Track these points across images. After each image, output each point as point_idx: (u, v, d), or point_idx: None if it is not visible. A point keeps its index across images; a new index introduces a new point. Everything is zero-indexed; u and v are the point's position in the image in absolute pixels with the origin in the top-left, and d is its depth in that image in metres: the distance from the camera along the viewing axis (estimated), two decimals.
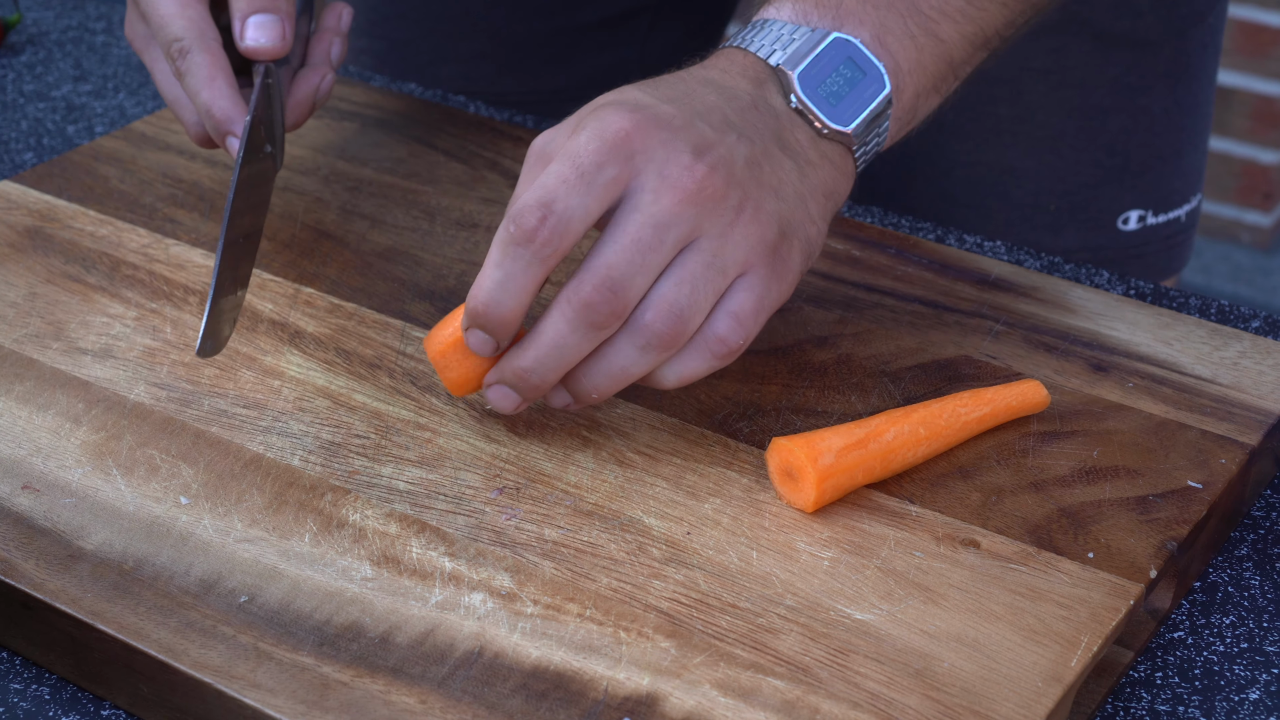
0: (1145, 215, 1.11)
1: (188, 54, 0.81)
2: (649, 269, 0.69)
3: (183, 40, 0.81)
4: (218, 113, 0.81)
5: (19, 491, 0.70)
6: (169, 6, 0.82)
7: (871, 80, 0.75)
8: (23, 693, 0.66)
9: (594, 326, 0.69)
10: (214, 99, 0.81)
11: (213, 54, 0.82)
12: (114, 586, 0.66)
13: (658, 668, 0.62)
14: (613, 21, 1.22)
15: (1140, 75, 1.07)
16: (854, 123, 0.75)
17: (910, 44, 0.76)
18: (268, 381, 0.77)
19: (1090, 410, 0.76)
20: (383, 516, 0.69)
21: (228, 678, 0.62)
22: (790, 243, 0.72)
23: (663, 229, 0.69)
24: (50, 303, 0.82)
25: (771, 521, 0.69)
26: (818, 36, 0.75)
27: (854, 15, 0.76)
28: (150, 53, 0.86)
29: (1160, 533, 0.69)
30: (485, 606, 0.65)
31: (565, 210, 0.69)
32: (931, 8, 0.77)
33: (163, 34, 0.82)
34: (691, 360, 0.71)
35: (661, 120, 0.71)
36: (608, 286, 0.68)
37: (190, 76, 0.81)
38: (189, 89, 0.82)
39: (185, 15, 0.82)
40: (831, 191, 0.75)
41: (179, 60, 0.81)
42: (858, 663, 0.63)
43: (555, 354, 0.69)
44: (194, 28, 0.82)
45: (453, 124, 0.99)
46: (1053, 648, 0.63)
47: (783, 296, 0.72)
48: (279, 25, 0.83)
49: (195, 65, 0.81)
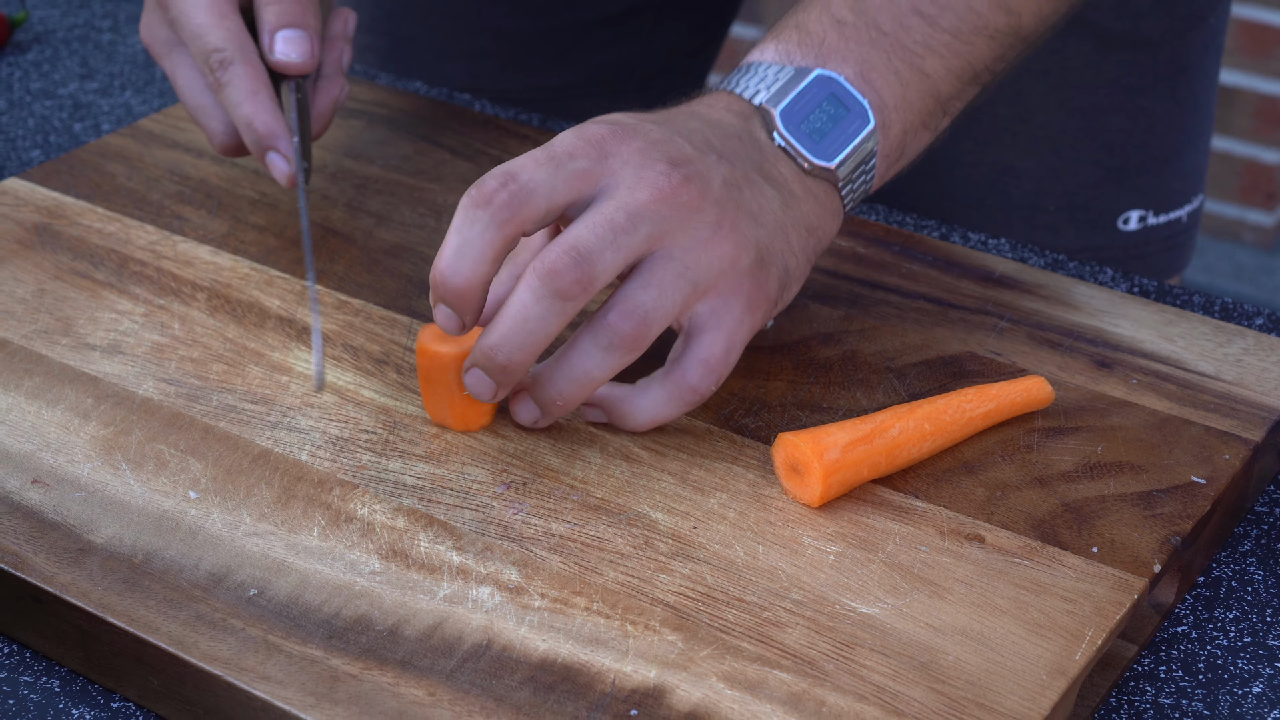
0: (1146, 215, 1.11)
1: (229, 65, 0.81)
2: (619, 249, 0.69)
3: (224, 51, 0.81)
4: (261, 127, 0.81)
5: (29, 486, 0.71)
6: (206, 16, 0.82)
7: (855, 116, 0.76)
8: (33, 685, 0.67)
9: (559, 295, 0.68)
10: (256, 113, 0.81)
11: (255, 66, 0.82)
12: (124, 580, 0.66)
13: (665, 660, 0.63)
14: (616, 19, 1.22)
15: (1140, 76, 1.07)
16: (838, 158, 0.75)
17: (895, 80, 0.77)
18: (275, 377, 0.77)
19: (1094, 406, 0.76)
20: (391, 511, 0.70)
21: (237, 670, 0.62)
22: (767, 270, 0.72)
23: (636, 217, 0.69)
24: (59, 299, 0.83)
25: (777, 516, 0.70)
26: (801, 74, 0.76)
27: (837, 52, 0.77)
28: (173, 59, 0.86)
29: (1164, 528, 0.69)
30: (493, 600, 0.65)
31: (528, 181, 0.69)
32: (916, 43, 0.77)
33: (199, 43, 0.82)
34: (662, 404, 0.72)
35: (640, 132, 0.72)
36: (573, 254, 0.68)
37: (232, 88, 0.81)
38: (228, 100, 0.82)
39: (224, 26, 0.82)
40: (815, 227, 0.76)
41: (219, 71, 0.81)
42: (863, 656, 0.63)
43: (520, 327, 0.69)
44: (235, 39, 0.82)
45: (458, 122, 1.00)
46: (1057, 641, 0.63)
47: (755, 326, 0.73)
48: (308, 41, 0.83)
49: (237, 77, 0.81)
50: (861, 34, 0.77)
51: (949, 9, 0.77)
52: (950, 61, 0.78)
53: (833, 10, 0.78)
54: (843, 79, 0.76)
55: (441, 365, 0.72)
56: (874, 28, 0.77)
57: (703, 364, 0.71)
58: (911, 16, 0.77)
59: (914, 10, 0.77)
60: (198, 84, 0.85)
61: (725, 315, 0.71)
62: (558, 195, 0.70)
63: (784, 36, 0.78)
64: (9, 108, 1.08)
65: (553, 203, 0.70)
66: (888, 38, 0.77)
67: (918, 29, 0.77)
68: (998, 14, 0.78)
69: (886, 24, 0.77)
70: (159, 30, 0.86)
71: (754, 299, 0.72)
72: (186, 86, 0.85)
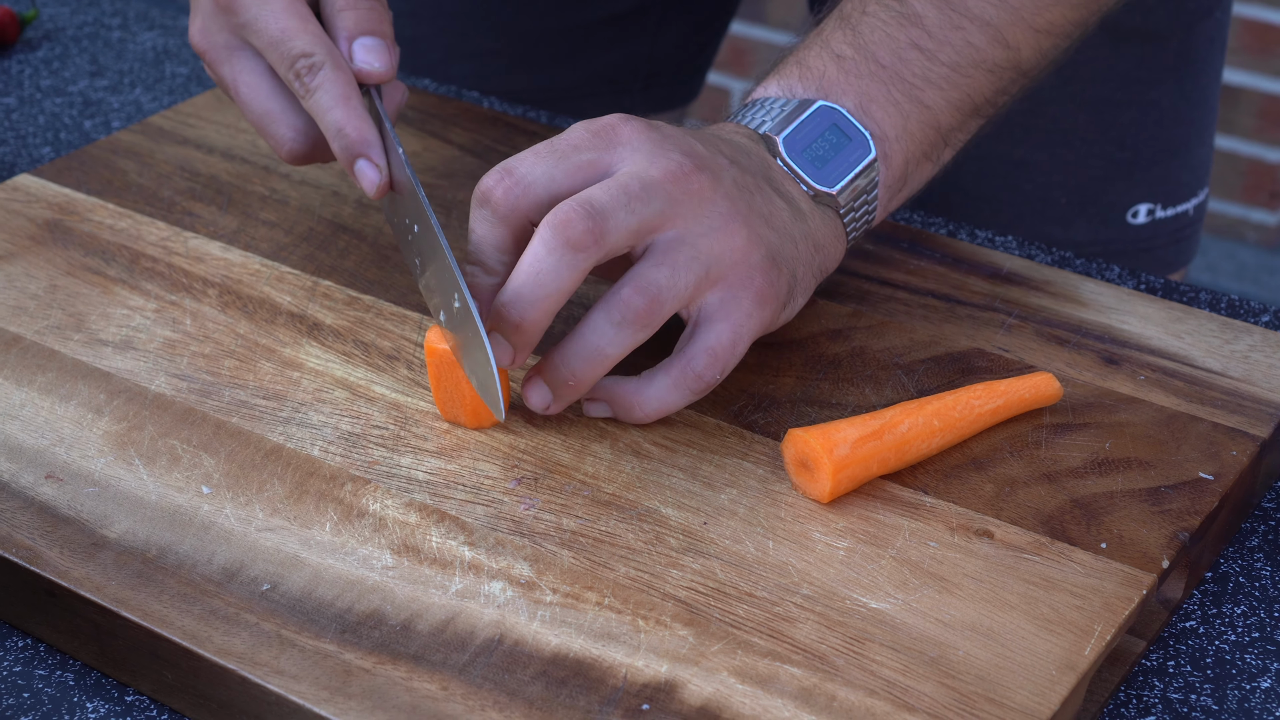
0: (1154, 209, 1.11)
1: (319, 70, 0.77)
2: (632, 213, 0.70)
3: (313, 56, 0.78)
4: (353, 134, 0.77)
5: (43, 481, 0.71)
6: (288, 20, 0.78)
7: (857, 145, 0.77)
8: (47, 679, 0.67)
9: (570, 245, 0.69)
10: (349, 119, 0.77)
11: (345, 71, 0.78)
12: (137, 574, 0.67)
13: (676, 655, 0.63)
14: (622, 17, 1.23)
15: (1149, 69, 1.08)
16: (839, 185, 0.77)
17: (895, 111, 0.79)
18: (287, 373, 0.78)
19: (1102, 403, 0.76)
20: (402, 506, 0.70)
21: (251, 664, 0.63)
22: (779, 270, 0.73)
23: (649, 188, 0.70)
24: (71, 295, 0.83)
25: (787, 512, 0.70)
26: (803, 105, 0.78)
27: (837, 85, 0.79)
28: (234, 64, 0.82)
29: (1172, 524, 0.69)
30: (505, 595, 0.66)
31: (526, 173, 0.71)
32: (915, 76, 0.79)
33: (284, 47, 0.78)
34: (667, 392, 0.73)
35: (652, 125, 0.73)
36: (586, 207, 0.69)
37: (322, 93, 0.77)
38: (318, 106, 0.78)
39: (309, 30, 0.78)
40: (821, 245, 0.77)
41: (307, 76, 0.78)
42: (874, 651, 0.63)
43: (533, 279, 0.69)
44: (323, 43, 0.78)
45: (468, 119, 1.00)
46: (1066, 636, 0.64)
47: (763, 322, 0.74)
48: (387, 49, 0.80)
49: (328, 82, 0.77)
50: (861, 67, 0.79)
51: (947, 44, 0.79)
52: (950, 94, 0.80)
53: (832, 46, 0.80)
54: (844, 110, 0.78)
55: (451, 363, 0.73)
56: (873, 61, 0.79)
57: (709, 352, 0.72)
58: (910, 50, 0.78)
59: (912, 45, 0.79)
60: (264, 89, 0.81)
61: (734, 307, 0.72)
62: (557, 184, 0.71)
63: (785, 73, 0.80)
64: (19, 105, 1.08)
65: (552, 190, 0.71)
66: (887, 71, 0.79)
67: (916, 62, 0.78)
68: (996, 48, 0.80)
69: (885, 58, 0.78)
70: (218, 35, 0.82)
71: (764, 294, 0.73)
72: (251, 92, 0.81)
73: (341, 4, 0.80)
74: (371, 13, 0.80)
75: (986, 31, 0.79)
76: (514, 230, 0.71)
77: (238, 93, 0.82)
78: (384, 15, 0.81)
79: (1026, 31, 0.80)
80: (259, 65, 0.81)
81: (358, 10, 0.80)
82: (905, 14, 0.79)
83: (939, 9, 0.79)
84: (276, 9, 0.78)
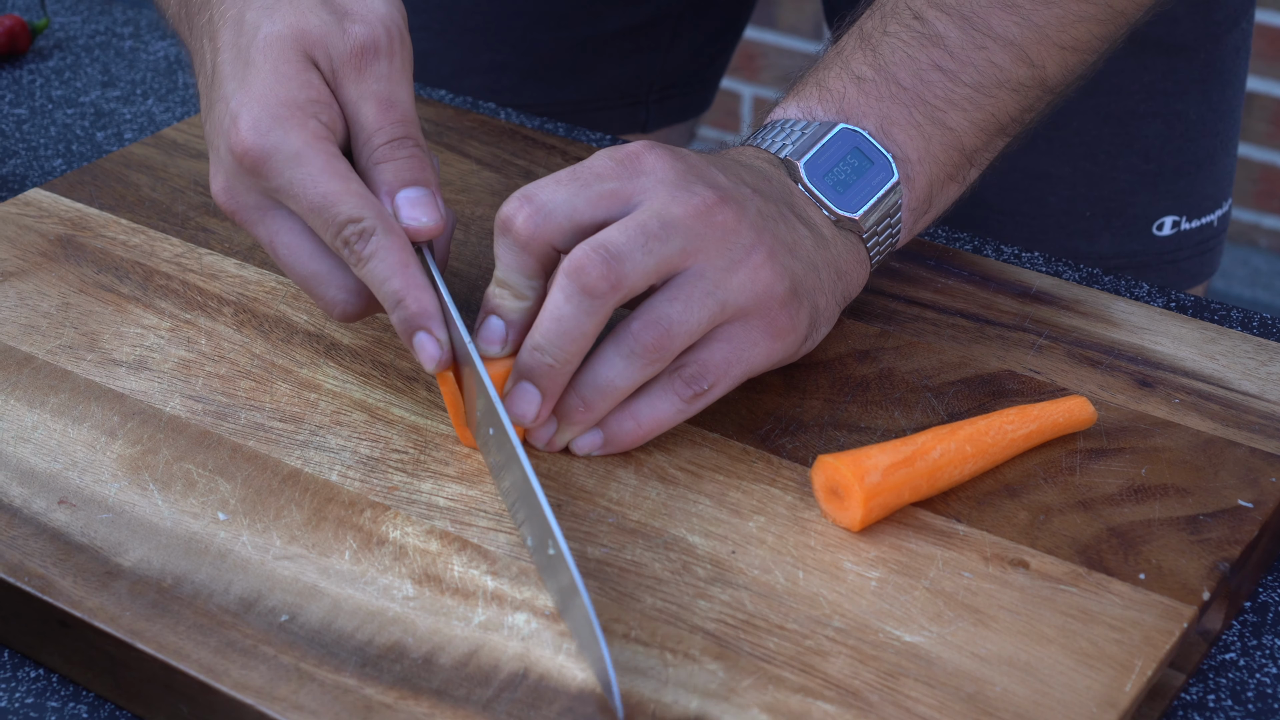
0: (1180, 221, 1.10)
1: (370, 237, 0.70)
2: (650, 254, 0.68)
3: (363, 221, 0.70)
4: (414, 305, 0.70)
5: (55, 506, 0.70)
6: (330, 183, 0.71)
7: (879, 169, 0.76)
8: (60, 710, 0.65)
9: (586, 292, 0.68)
10: (409, 289, 0.70)
11: (398, 235, 0.71)
12: (153, 604, 0.65)
13: (705, 690, 0.62)
14: (635, 30, 1.21)
15: (1176, 81, 1.06)
16: (862, 209, 0.76)
17: (917, 134, 0.77)
18: (304, 394, 0.76)
19: (1137, 427, 0.75)
20: (423, 534, 0.68)
21: (270, 699, 0.61)
22: (800, 302, 0.72)
23: (669, 227, 0.69)
24: (84, 313, 0.81)
25: (817, 540, 0.68)
26: (824, 128, 0.77)
27: (858, 108, 0.77)
28: (269, 224, 0.74)
29: (1212, 553, 0.68)
30: (529, 627, 0.64)
31: (546, 200, 0.70)
32: (937, 98, 0.77)
33: (328, 213, 0.70)
34: (658, 399, 0.72)
35: (677, 154, 0.72)
36: (601, 252, 0.68)
37: (378, 261, 0.70)
38: (374, 275, 0.70)
39: (353, 190, 0.71)
40: (844, 271, 0.76)
41: (358, 244, 0.70)
42: (908, 686, 0.62)
43: (554, 327, 0.68)
44: (371, 205, 0.71)
45: (485, 132, 0.98)
46: (1106, 671, 0.62)
47: (772, 357, 0.72)
48: (434, 201, 0.73)
49: (384, 249, 0.70)
50: (881, 89, 0.77)
51: (969, 64, 0.77)
52: (973, 115, 0.78)
53: (852, 68, 0.78)
54: (865, 133, 0.77)
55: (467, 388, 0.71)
56: (894, 83, 0.77)
57: (699, 363, 0.71)
58: (932, 72, 0.77)
59: (934, 66, 0.77)
60: (306, 250, 0.73)
61: (741, 335, 0.71)
62: (579, 212, 0.70)
63: (805, 94, 0.79)
64: (31, 115, 1.07)
65: (574, 219, 0.70)
66: (908, 93, 0.77)
67: (938, 84, 0.77)
68: (1020, 67, 0.78)
69: (906, 80, 0.77)
70: (246, 196, 0.73)
71: (780, 328, 0.72)
72: (292, 255, 0.74)
73: (379, 155, 0.73)
74: (413, 160, 0.73)
75: (1010, 51, 0.78)
76: (538, 257, 0.70)
77: (276, 255, 0.74)
78: (425, 162, 0.74)
79: (1051, 49, 0.79)
80: (297, 225, 0.73)
81: (397, 161, 0.73)
82: (927, 34, 0.78)
83: (961, 29, 0.77)
84: (314, 170, 0.71)
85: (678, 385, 0.72)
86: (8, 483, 0.71)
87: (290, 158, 0.71)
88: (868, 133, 0.77)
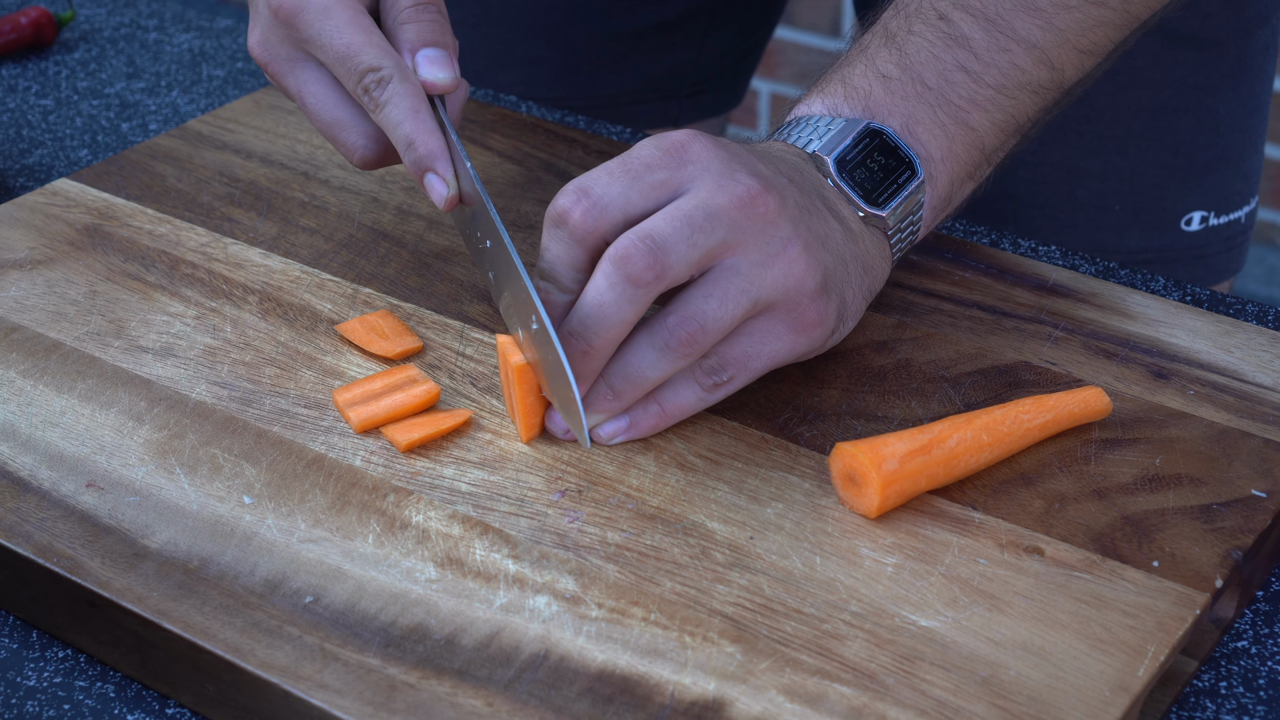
0: (1208, 216, 1.11)
1: (387, 84, 0.77)
2: (694, 246, 0.69)
3: (381, 69, 0.77)
4: (423, 148, 0.77)
5: (84, 489, 0.71)
6: (354, 34, 0.78)
7: (904, 168, 0.77)
8: (88, 690, 0.67)
9: (630, 280, 0.69)
10: (419, 133, 0.77)
11: (414, 84, 0.78)
12: (179, 585, 0.66)
13: (723, 673, 0.62)
14: (669, 25, 1.22)
15: (1207, 76, 1.07)
16: (889, 207, 0.77)
17: (940, 133, 0.78)
18: (328, 381, 0.77)
19: (1152, 418, 0.76)
20: (446, 518, 0.69)
21: (295, 678, 0.62)
22: (828, 297, 0.73)
23: (714, 218, 0.70)
24: (111, 301, 0.82)
25: (834, 527, 0.69)
26: (851, 126, 0.77)
27: (883, 106, 0.78)
28: (298, 75, 0.81)
29: (1225, 541, 0.68)
30: (550, 609, 0.65)
31: (602, 194, 0.71)
32: (961, 98, 0.78)
33: (351, 62, 0.78)
34: (681, 388, 0.73)
35: (720, 144, 0.73)
36: (647, 242, 0.69)
37: (393, 107, 0.77)
38: (389, 119, 0.77)
39: (374, 43, 0.78)
40: (870, 267, 0.77)
41: (376, 90, 0.77)
42: (924, 670, 0.62)
43: (595, 312, 0.70)
44: (390, 55, 0.78)
45: (507, 125, 0.99)
46: (1119, 657, 0.63)
47: (795, 350, 0.74)
48: (450, 60, 0.80)
49: (399, 95, 0.77)
50: (907, 89, 0.78)
51: (993, 66, 0.78)
52: (995, 115, 0.79)
53: (877, 66, 0.79)
54: (891, 131, 0.77)
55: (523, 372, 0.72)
56: (919, 83, 0.78)
57: (718, 355, 0.72)
58: (956, 73, 0.78)
59: (959, 67, 0.78)
60: (331, 99, 0.81)
61: (767, 329, 0.72)
62: (632, 205, 0.71)
63: (829, 90, 0.80)
64: (57, 106, 1.08)
65: (628, 213, 0.71)
66: (933, 93, 0.78)
67: (962, 85, 0.78)
68: (1041, 69, 0.79)
69: (931, 79, 0.78)
70: (279, 48, 0.81)
71: (808, 322, 0.73)
72: (318, 103, 0.81)
73: (404, 16, 0.80)
74: (434, 24, 0.80)
75: (1032, 54, 0.79)
76: (590, 251, 0.71)
77: (304, 103, 0.82)
78: (445, 26, 0.80)
79: (1071, 52, 0.80)
80: (324, 75, 0.81)
81: (420, 22, 0.80)
82: (952, 35, 0.78)
83: (986, 31, 0.78)
84: (341, 23, 0.78)
85: (699, 375, 0.73)
86: (37, 466, 0.72)
87: (320, 11, 0.78)
88: (893, 131, 0.77)
